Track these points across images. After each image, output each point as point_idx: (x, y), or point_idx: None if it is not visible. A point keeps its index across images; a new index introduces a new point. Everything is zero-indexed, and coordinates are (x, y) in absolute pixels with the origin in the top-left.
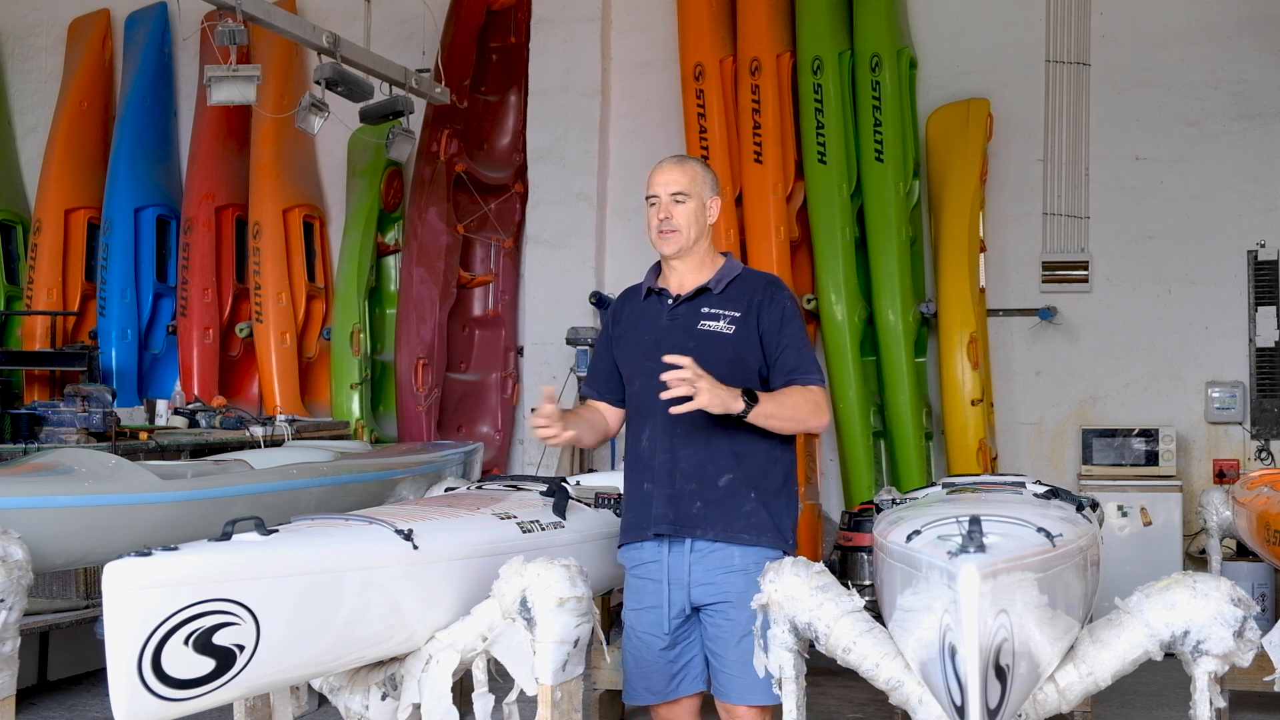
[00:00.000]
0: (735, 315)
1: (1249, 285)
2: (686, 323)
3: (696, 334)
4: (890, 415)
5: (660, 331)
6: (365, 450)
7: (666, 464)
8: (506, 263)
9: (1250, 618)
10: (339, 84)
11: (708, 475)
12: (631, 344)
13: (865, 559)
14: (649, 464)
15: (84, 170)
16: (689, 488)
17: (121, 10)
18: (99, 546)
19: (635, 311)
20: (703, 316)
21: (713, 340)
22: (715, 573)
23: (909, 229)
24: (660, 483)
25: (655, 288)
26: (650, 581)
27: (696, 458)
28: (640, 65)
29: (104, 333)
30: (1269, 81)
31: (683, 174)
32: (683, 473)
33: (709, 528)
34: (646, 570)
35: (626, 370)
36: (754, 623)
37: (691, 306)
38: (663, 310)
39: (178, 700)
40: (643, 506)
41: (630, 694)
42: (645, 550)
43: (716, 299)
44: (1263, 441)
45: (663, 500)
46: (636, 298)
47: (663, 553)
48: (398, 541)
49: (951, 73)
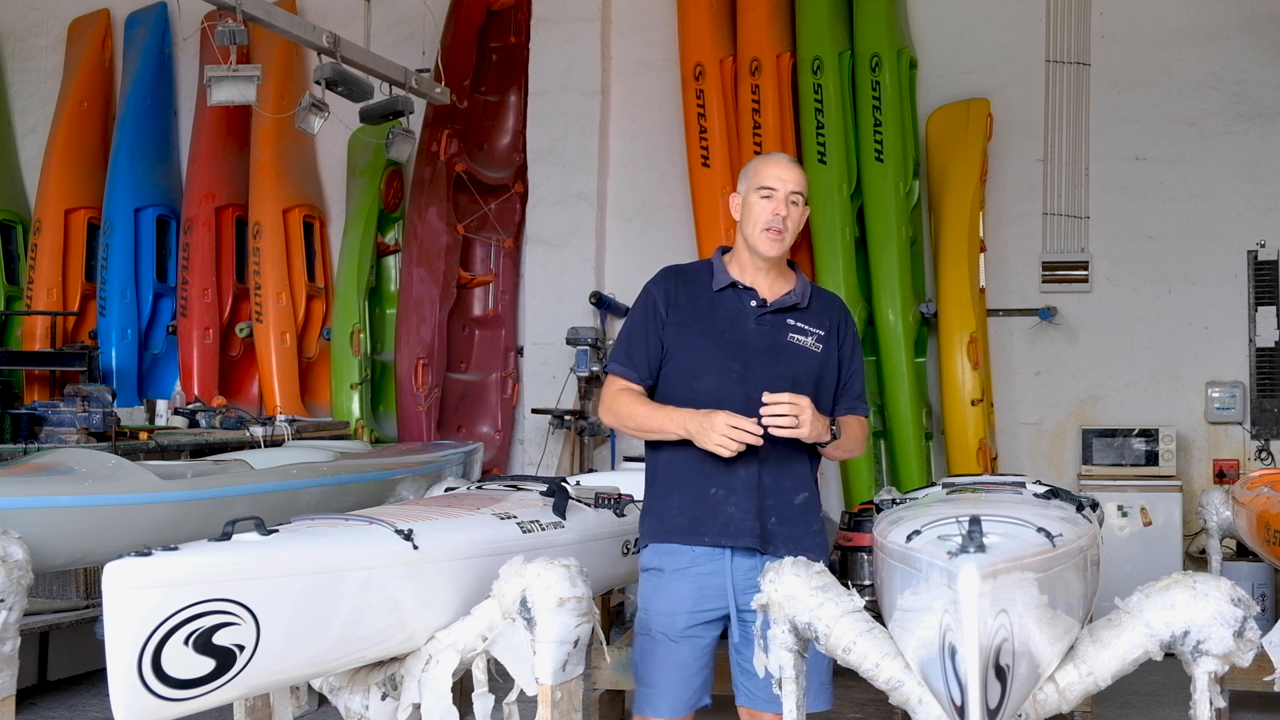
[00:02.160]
0: (820, 334)
1: (1249, 285)
2: (774, 331)
3: (788, 346)
4: (890, 415)
5: (748, 334)
6: (365, 450)
7: (751, 476)
8: (506, 263)
9: (1250, 618)
10: (339, 84)
11: (786, 492)
12: (705, 335)
13: (865, 559)
14: (722, 472)
15: (84, 170)
16: (768, 503)
17: (121, 10)
18: (99, 546)
19: (703, 300)
20: (790, 329)
21: (801, 355)
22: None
23: (909, 229)
24: (743, 494)
25: (740, 284)
26: (703, 588)
27: (778, 473)
28: (640, 65)
29: (104, 333)
30: (1269, 81)
31: (800, 175)
32: (764, 487)
33: (781, 545)
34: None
35: (694, 362)
36: None
37: (779, 317)
38: (747, 311)
39: (178, 700)
40: (708, 511)
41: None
42: (699, 554)
43: (803, 314)
44: (1263, 441)
45: (750, 513)
46: (698, 284)
47: (724, 560)
48: (398, 541)
49: (951, 73)
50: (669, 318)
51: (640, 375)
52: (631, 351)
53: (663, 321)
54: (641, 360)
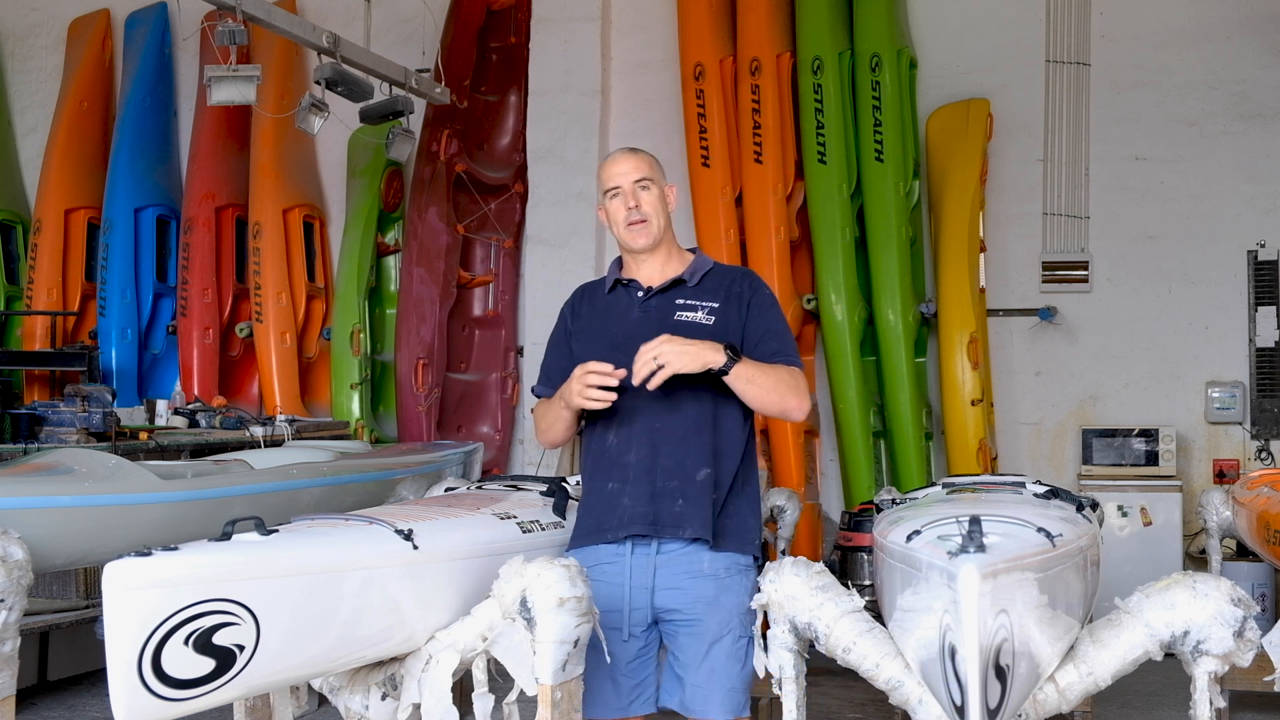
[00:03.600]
0: (714, 305)
1: (1249, 285)
2: (661, 314)
3: (673, 325)
4: (890, 415)
5: (632, 324)
6: (365, 450)
7: (645, 460)
8: (506, 263)
9: (1250, 618)
10: (339, 84)
11: (688, 471)
12: (596, 337)
13: (865, 559)
14: (618, 462)
15: (84, 170)
16: (671, 484)
17: (121, 10)
18: (99, 546)
19: (599, 306)
20: (679, 308)
21: (691, 331)
22: (683, 577)
23: (909, 229)
24: (637, 481)
25: (623, 279)
26: (607, 585)
27: (676, 454)
28: (640, 65)
29: (104, 333)
30: (1269, 81)
31: (640, 160)
32: (664, 469)
33: (687, 526)
34: (603, 572)
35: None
36: (724, 630)
37: (665, 299)
38: (633, 303)
39: (178, 700)
40: (606, 507)
41: (587, 706)
42: (602, 552)
43: (692, 290)
44: (1263, 441)
45: (642, 499)
46: (598, 293)
47: (624, 553)
48: (398, 541)
49: (951, 73)
50: (573, 328)
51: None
52: (549, 370)
53: (569, 333)
54: (557, 376)
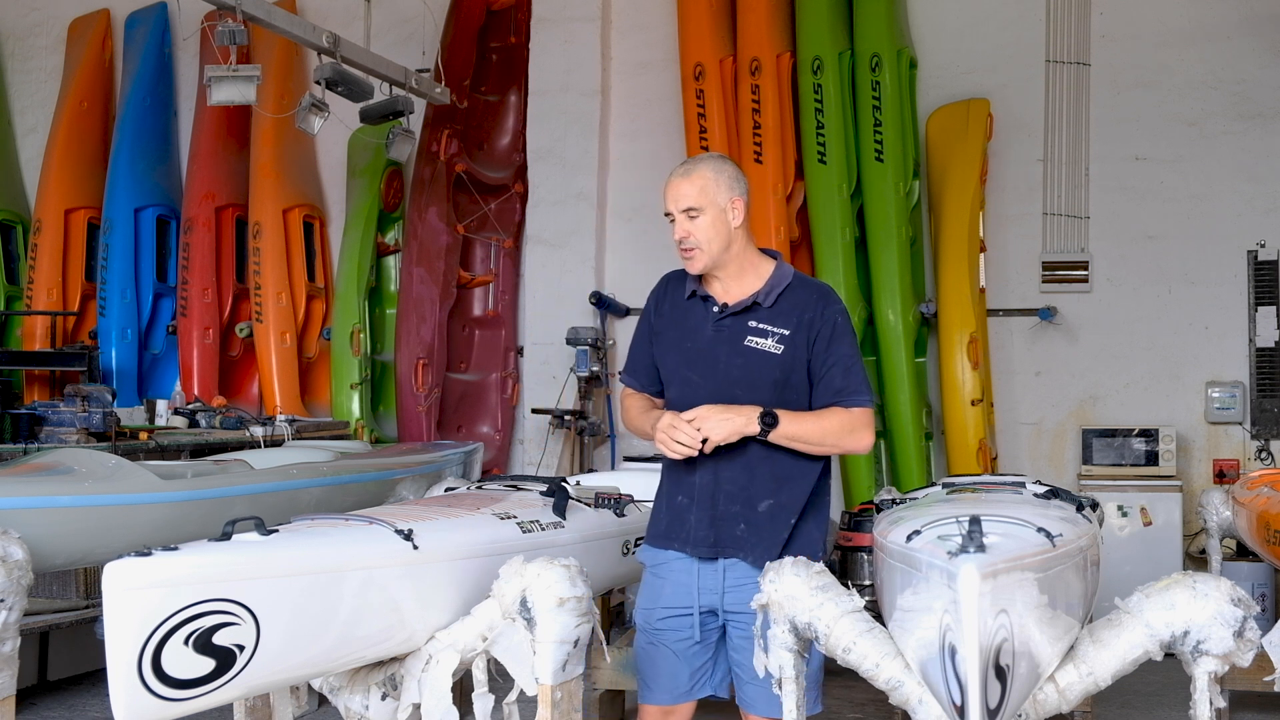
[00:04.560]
0: (784, 334)
1: (1249, 285)
2: (733, 336)
3: (743, 351)
4: (890, 415)
5: (704, 342)
6: (365, 450)
7: (708, 484)
8: (506, 263)
9: (1250, 618)
10: (339, 84)
11: (750, 498)
12: (671, 346)
13: (865, 559)
14: (685, 479)
15: (84, 170)
16: (733, 509)
17: (121, 10)
18: (99, 546)
19: (678, 308)
20: (750, 332)
21: (760, 360)
22: (748, 584)
23: (909, 229)
24: (701, 502)
25: (701, 293)
26: (675, 585)
27: (739, 480)
28: (640, 65)
29: (104, 333)
30: (1269, 81)
31: (690, 185)
32: (726, 494)
33: (749, 551)
34: (672, 569)
35: (665, 371)
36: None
37: (738, 320)
38: (707, 318)
39: (178, 700)
40: (676, 519)
41: (645, 693)
42: (672, 554)
43: (766, 313)
44: (1263, 441)
45: (704, 522)
46: (680, 291)
47: (692, 563)
48: (398, 541)
49: (951, 73)
50: (655, 326)
51: (641, 383)
52: (634, 363)
53: (652, 329)
54: (640, 369)
